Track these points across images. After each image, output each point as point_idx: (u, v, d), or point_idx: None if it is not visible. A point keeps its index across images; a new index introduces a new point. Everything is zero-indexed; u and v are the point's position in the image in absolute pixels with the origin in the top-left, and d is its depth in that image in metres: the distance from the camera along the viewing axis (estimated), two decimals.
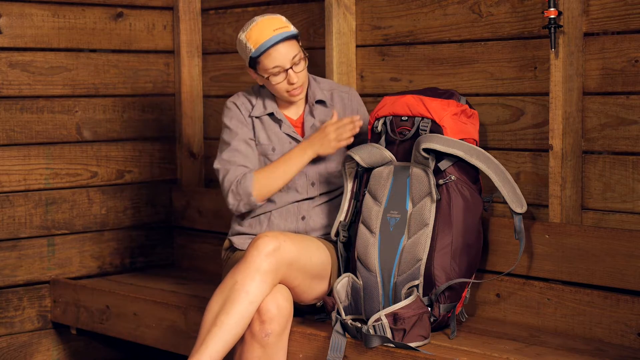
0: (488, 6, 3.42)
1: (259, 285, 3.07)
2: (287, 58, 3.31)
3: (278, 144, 3.43)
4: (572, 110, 3.20)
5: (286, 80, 3.34)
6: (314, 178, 3.43)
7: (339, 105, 3.49)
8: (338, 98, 3.51)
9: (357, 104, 3.54)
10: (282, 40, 3.30)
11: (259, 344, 3.08)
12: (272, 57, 3.31)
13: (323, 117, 3.46)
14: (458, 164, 3.15)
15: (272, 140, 3.43)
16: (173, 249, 4.50)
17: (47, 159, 4.11)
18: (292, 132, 3.44)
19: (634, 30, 3.10)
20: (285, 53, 3.31)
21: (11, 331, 4.05)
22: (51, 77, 4.11)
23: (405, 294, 3.08)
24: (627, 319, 3.03)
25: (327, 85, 3.54)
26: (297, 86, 3.36)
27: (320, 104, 3.48)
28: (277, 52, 3.31)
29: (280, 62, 3.31)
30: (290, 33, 3.33)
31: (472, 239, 3.15)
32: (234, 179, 3.34)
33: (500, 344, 3.03)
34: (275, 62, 3.32)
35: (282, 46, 3.31)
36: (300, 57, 3.34)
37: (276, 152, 3.42)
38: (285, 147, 3.42)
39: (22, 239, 4.06)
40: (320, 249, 3.28)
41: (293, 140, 3.43)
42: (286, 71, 3.33)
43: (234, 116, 3.45)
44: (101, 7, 4.23)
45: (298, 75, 3.34)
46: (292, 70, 3.33)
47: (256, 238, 3.14)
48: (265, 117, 3.45)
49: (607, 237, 3.05)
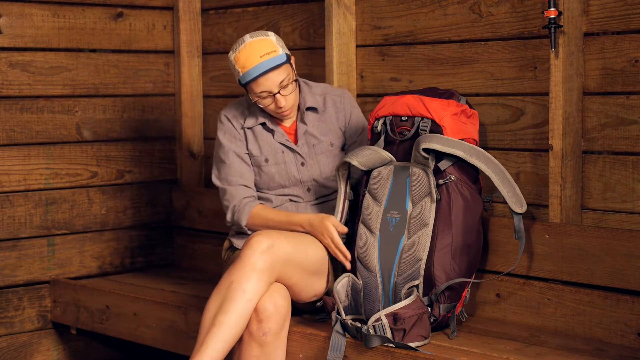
0: (488, 6, 3.42)
1: (255, 284, 3.07)
2: (274, 84, 3.31)
3: (271, 154, 3.43)
4: (572, 110, 3.20)
5: (274, 103, 3.35)
6: (310, 184, 3.44)
7: (332, 109, 3.49)
8: (330, 102, 3.50)
9: (350, 106, 3.53)
10: (269, 70, 3.29)
11: (257, 342, 3.08)
12: (259, 84, 3.31)
13: (315, 124, 3.46)
14: (458, 164, 3.15)
15: (264, 151, 3.43)
16: (173, 249, 4.50)
17: (47, 159, 4.11)
18: (286, 140, 3.44)
19: (634, 30, 3.10)
20: (272, 80, 3.30)
21: (11, 331, 4.05)
22: (51, 77, 4.11)
23: (405, 294, 3.08)
24: (627, 319, 3.03)
25: (320, 89, 3.53)
26: (286, 109, 3.36)
27: (312, 111, 3.47)
28: (265, 79, 3.30)
29: (268, 87, 3.31)
30: (277, 61, 3.30)
31: (472, 239, 3.15)
32: (234, 201, 3.40)
33: (500, 344, 3.03)
34: (262, 88, 3.31)
35: (270, 74, 3.30)
36: (289, 80, 3.32)
37: (270, 163, 3.43)
38: (278, 157, 3.43)
39: (22, 239, 4.06)
40: (315, 245, 3.28)
41: (286, 149, 3.43)
42: (274, 95, 3.33)
43: (227, 131, 3.46)
44: (101, 7, 4.23)
45: (286, 98, 3.33)
46: (280, 94, 3.32)
47: (250, 237, 3.16)
48: (257, 127, 3.45)
49: (607, 237, 3.05)
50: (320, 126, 3.46)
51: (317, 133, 3.46)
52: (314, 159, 3.45)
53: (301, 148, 3.44)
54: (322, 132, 3.47)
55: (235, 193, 3.41)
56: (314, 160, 3.45)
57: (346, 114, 3.51)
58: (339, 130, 3.49)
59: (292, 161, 3.44)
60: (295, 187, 3.44)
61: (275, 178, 3.44)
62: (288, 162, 3.43)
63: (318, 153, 3.45)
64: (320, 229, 3.28)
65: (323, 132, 3.47)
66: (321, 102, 3.49)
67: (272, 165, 3.43)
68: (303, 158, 3.43)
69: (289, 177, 3.43)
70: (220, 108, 4.39)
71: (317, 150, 3.45)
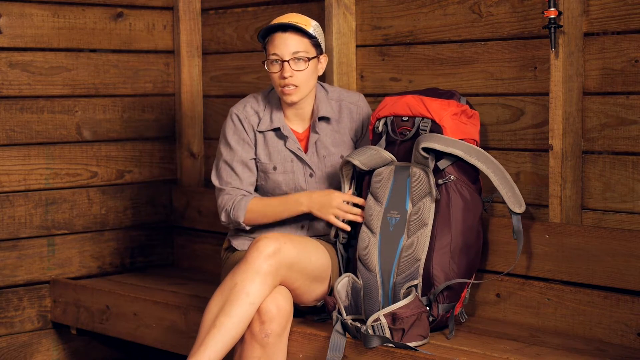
0: (488, 6, 3.42)
1: (259, 287, 3.06)
2: (287, 50, 3.25)
3: (280, 162, 3.37)
4: (572, 110, 3.20)
5: (280, 72, 3.28)
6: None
7: (347, 119, 3.42)
8: (346, 111, 3.43)
9: (366, 116, 3.45)
10: (289, 28, 3.24)
11: (259, 344, 3.08)
12: (274, 42, 3.27)
13: (329, 133, 3.40)
14: (458, 164, 3.15)
15: (274, 158, 3.38)
16: (173, 249, 4.50)
17: (47, 159, 4.11)
18: (297, 148, 3.37)
19: (634, 30, 3.10)
20: (288, 44, 3.25)
21: (11, 331, 4.05)
22: (51, 77, 4.11)
23: (404, 294, 3.08)
24: (627, 319, 3.03)
25: (336, 94, 3.45)
26: (289, 83, 3.27)
27: (325, 121, 3.40)
28: (280, 38, 3.25)
29: (280, 51, 3.26)
30: (301, 27, 3.25)
31: (472, 239, 3.15)
32: (229, 201, 3.34)
33: (500, 344, 3.03)
34: (275, 50, 3.26)
35: (287, 35, 3.25)
36: (305, 56, 3.27)
37: (277, 171, 3.38)
38: (287, 166, 3.37)
39: (22, 239, 4.06)
40: (320, 251, 3.27)
41: (295, 158, 3.37)
42: (282, 63, 3.28)
43: (237, 132, 3.39)
44: (101, 7, 4.23)
45: (294, 73, 3.26)
46: (289, 64, 3.27)
47: (257, 239, 3.13)
48: (269, 133, 3.39)
49: (607, 237, 3.05)
50: (333, 136, 3.40)
51: (329, 143, 3.40)
52: (322, 171, 3.40)
53: (310, 157, 3.38)
54: (334, 142, 3.41)
55: (232, 194, 3.37)
56: (323, 172, 3.40)
57: (362, 126, 3.45)
58: (351, 141, 3.44)
59: (301, 171, 3.38)
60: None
61: (281, 186, 3.39)
62: (296, 171, 3.38)
63: (328, 166, 3.40)
64: (325, 196, 3.25)
65: (335, 143, 3.41)
66: (337, 109, 3.42)
67: (279, 174, 3.39)
68: (312, 169, 3.39)
69: (296, 187, 3.38)
70: (220, 108, 4.39)
71: (326, 163, 3.40)
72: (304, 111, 3.40)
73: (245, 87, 4.27)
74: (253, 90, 4.08)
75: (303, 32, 3.27)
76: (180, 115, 4.45)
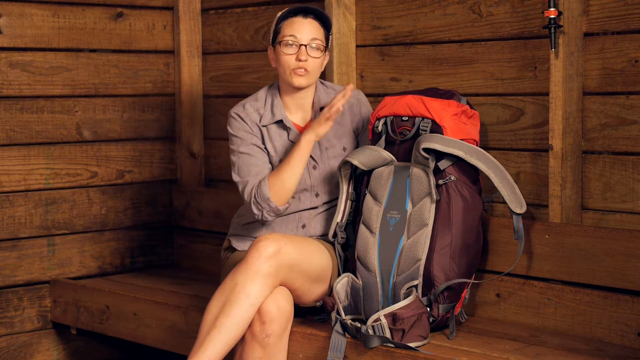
0: (488, 6, 3.42)
1: (259, 288, 3.06)
2: (306, 35, 3.27)
3: (284, 154, 3.37)
4: (572, 110, 3.20)
5: (296, 55, 3.28)
6: (318, 189, 3.41)
7: (348, 113, 3.43)
8: (347, 105, 3.43)
9: (367, 110, 3.47)
10: (311, 13, 3.27)
11: (260, 344, 3.08)
12: (293, 25, 3.28)
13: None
14: (458, 164, 3.15)
15: (278, 151, 3.37)
16: (173, 249, 4.50)
17: (47, 159, 4.11)
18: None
19: (634, 30, 3.10)
20: (308, 29, 3.27)
21: (11, 331, 4.05)
22: (51, 77, 4.11)
23: (404, 294, 3.08)
24: (627, 319, 3.03)
25: (336, 90, 3.46)
26: (303, 67, 3.28)
27: None
28: (300, 23, 3.28)
29: (299, 34, 3.27)
30: (322, 13, 3.29)
31: (472, 239, 3.15)
32: (252, 191, 3.28)
33: (500, 344, 3.03)
34: (294, 31, 3.27)
35: (308, 21, 3.28)
36: (320, 44, 3.29)
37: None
38: None
39: (22, 239, 4.06)
40: (320, 251, 3.27)
41: None
42: (299, 47, 3.27)
43: (240, 127, 3.38)
44: (101, 7, 4.23)
45: (310, 57, 3.28)
46: (306, 48, 3.27)
47: (257, 240, 3.13)
48: (272, 126, 3.39)
49: (607, 237, 3.05)
50: (335, 128, 3.40)
51: (331, 135, 3.40)
52: (325, 163, 3.40)
53: (313, 150, 3.36)
54: (336, 134, 3.41)
55: (252, 182, 3.29)
56: (326, 164, 3.40)
57: (362, 120, 3.45)
58: (353, 134, 3.45)
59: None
60: (303, 194, 3.39)
61: None
62: None
63: (330, 157, 3.40)
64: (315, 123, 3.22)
65: (338, 135, 3.41)
66: None
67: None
68: (315, 161, 3.39)
69: (300, 180, 3.37)
70: (220, 108, 4.39)
71: (329, 154, 3.40)
72: (305, 101, 3.40)
73: (245, 87, 4.27)
74: (253, 90, 4.07)
75: (322, 21, 3.30)
76: (180, 115, 4.45)
